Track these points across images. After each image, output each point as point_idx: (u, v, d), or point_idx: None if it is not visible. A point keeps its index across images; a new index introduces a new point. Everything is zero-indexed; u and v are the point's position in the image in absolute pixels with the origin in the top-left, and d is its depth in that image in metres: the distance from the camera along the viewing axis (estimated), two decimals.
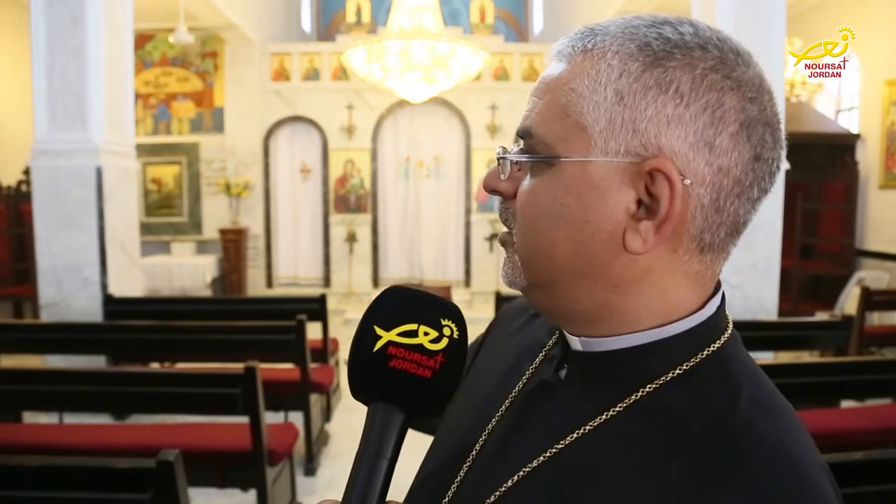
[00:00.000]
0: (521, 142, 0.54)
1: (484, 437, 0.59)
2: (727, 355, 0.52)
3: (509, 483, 0.53)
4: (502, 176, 0.55)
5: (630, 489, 0.46)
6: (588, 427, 0.51)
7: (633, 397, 0.50)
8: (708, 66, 0.48)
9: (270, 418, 2.70)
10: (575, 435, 0.51)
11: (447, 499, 0.58)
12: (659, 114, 0.47)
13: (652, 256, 0.50)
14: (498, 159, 0.55)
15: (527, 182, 0.53)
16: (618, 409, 0.50)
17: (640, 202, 0.49)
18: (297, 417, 3.36)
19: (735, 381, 0.50)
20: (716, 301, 0.53)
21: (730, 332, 0.53)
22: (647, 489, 0.46)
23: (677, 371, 0.50)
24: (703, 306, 0.52)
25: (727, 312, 0.55)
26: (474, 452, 0.58)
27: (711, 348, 0.51)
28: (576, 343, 0.55)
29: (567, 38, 0.53)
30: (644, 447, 0.48)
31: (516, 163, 0.54)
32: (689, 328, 0.51)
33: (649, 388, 0.50)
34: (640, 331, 0.51)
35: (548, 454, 0.52)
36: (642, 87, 0.48)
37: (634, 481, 0.46)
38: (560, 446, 0.51)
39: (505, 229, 0.57)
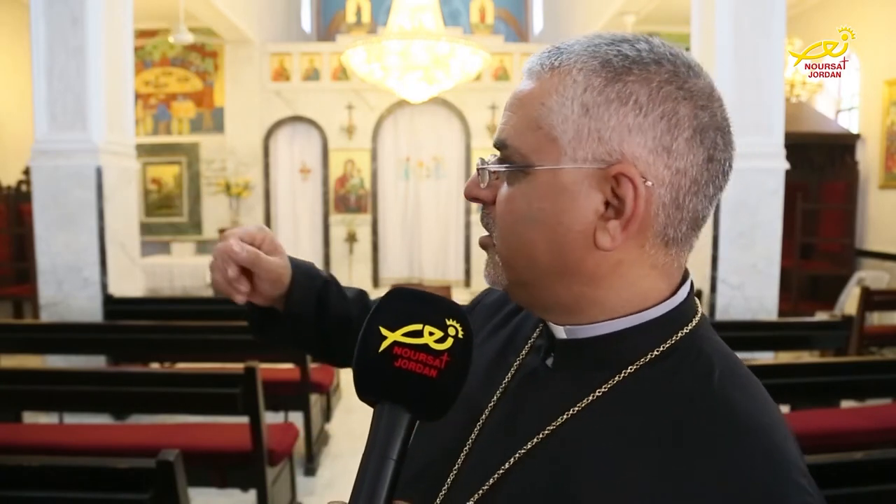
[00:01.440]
0: (499, 152, 0.59)
1: (478, 428, 0.62)
2: (698, 337, 0.57)
3: (506, 466, 0.56)
4: (482, 184, 0.60)
5: (619, 462, 0.50)
6: (576, 408, 0.55)
7: (616, 378, 0.55)
8: (663, 79, 0.53)
9: (270, 418, 2.69)
10: (565, 416, 0.55)
11: (445, 488, 0.60)
12: (621, 123, 0.52)
13: (621, 252, 0.54)
14: (478, 169, 0.60)
15: (504, 189, 0.58)
16: (603, 389, 0.55)
17: (607, 203, 0.53)
18: (297, 417, 3.35)
19: (707, 358, 0.55)
20: (685, 289, 0.58)
21: (699, 316, 0.58)
22: (635, 461, 0.50)
23: (655, 353, 0.55)
24: (673, 294, 0.57)
25: (695, 298, 0.60)
26: (469, 443, 0.61)
27: (684, 331, 0.56)
28: (560, 332, 0.59)
29: (536, 56, 0.58)
30: (629, 423, 0.52)
31: (493, 172, 0.59)
32: (662, 314, 0.56)
33: (630, 369, 0.55)
34: (617, 318, 0.56)
35: (540, 436, 0.56)
36: (605, 100, 0.53)
37: (623, 455, 0.50)
38: (552, 428, 0.55)
39: (486, 233, 0.62)
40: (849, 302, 5.29)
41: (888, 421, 2.81)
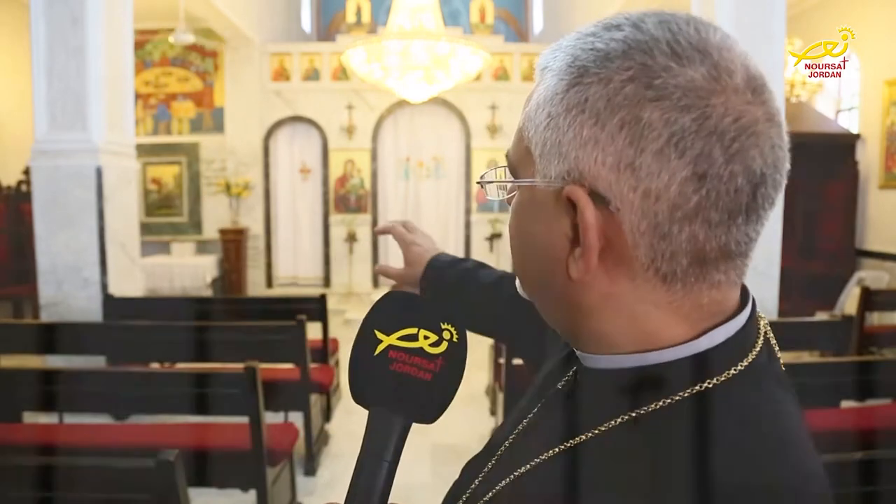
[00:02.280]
0: None
1: (512, 437, 0.60)
2: (723, 398, 0.44)
3: (502, 483, 0.54)
4: (487, 196, 0.58)
5: None
6: (568, 444, 0.50)
7: (611, 423, 0.47)
8: (624, 77, 0.42)
9: (270, 418, 2.70)
10: (557, 449, 0.50)
11: (470, 490, 0.60)
12: (577, 136, 0.44)
13: (605, 284, 0.46)
14: (478, 184, 0.59)
15: None
16: (595, 432, 0.48)
17: (576, 228, 0.45)
18: (297, 417, 3.35)
19: (718, 430, 0.43)
20: (715, 335, 0.46)
21: (738, 369, 0.45)
22: None
23: (658, 404, 0.45)
24: (694, 338, 0.46)
25: (745, 348, 0.47)
26: (502, 449, 0.60)
27: (703, 386, 0.45)
28: (581, 358, 0.54)
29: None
30: (606, 480, 0.45)
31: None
32: (675, 359, 0.46)
33: (627, 416, 0.46)
34: (619, 354, 0.48)
35: (534, 462, 0.52)
36: (565, 108, 0.45)
37: None
38: (545, 457, 0.51)
39: None
40: (849, 302, 5.29)
41: (888, 421, 2.81)
